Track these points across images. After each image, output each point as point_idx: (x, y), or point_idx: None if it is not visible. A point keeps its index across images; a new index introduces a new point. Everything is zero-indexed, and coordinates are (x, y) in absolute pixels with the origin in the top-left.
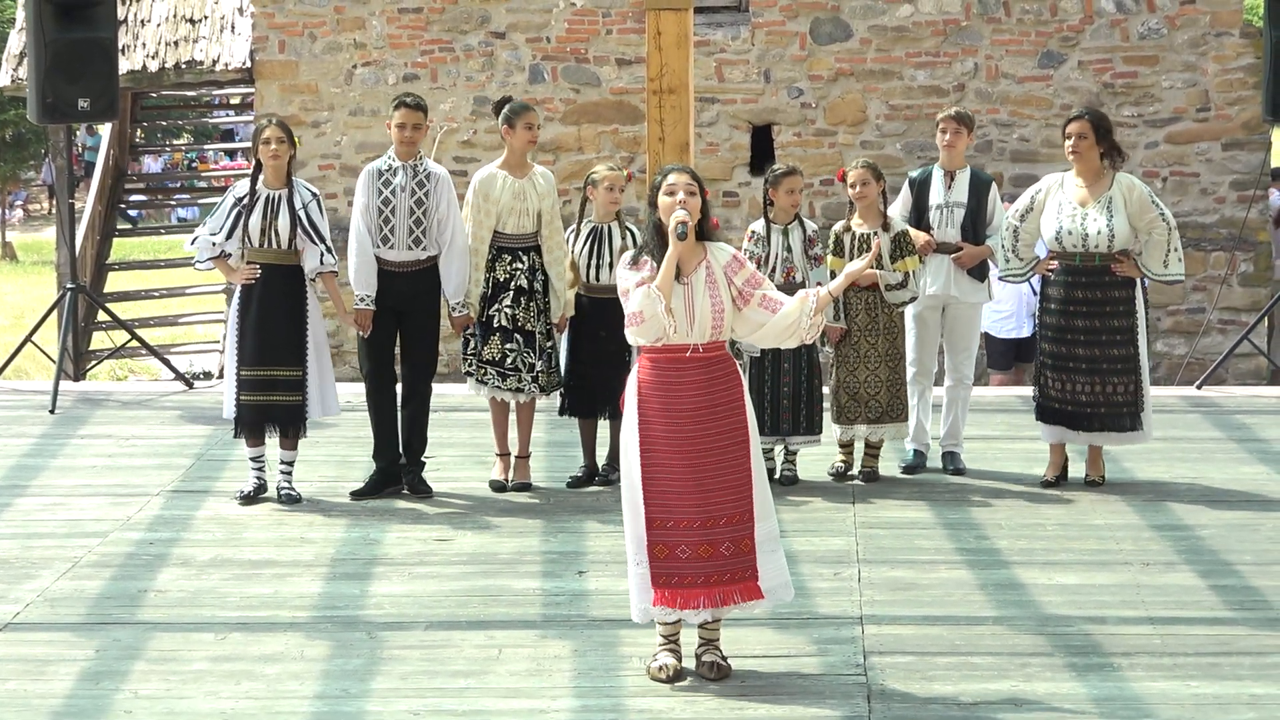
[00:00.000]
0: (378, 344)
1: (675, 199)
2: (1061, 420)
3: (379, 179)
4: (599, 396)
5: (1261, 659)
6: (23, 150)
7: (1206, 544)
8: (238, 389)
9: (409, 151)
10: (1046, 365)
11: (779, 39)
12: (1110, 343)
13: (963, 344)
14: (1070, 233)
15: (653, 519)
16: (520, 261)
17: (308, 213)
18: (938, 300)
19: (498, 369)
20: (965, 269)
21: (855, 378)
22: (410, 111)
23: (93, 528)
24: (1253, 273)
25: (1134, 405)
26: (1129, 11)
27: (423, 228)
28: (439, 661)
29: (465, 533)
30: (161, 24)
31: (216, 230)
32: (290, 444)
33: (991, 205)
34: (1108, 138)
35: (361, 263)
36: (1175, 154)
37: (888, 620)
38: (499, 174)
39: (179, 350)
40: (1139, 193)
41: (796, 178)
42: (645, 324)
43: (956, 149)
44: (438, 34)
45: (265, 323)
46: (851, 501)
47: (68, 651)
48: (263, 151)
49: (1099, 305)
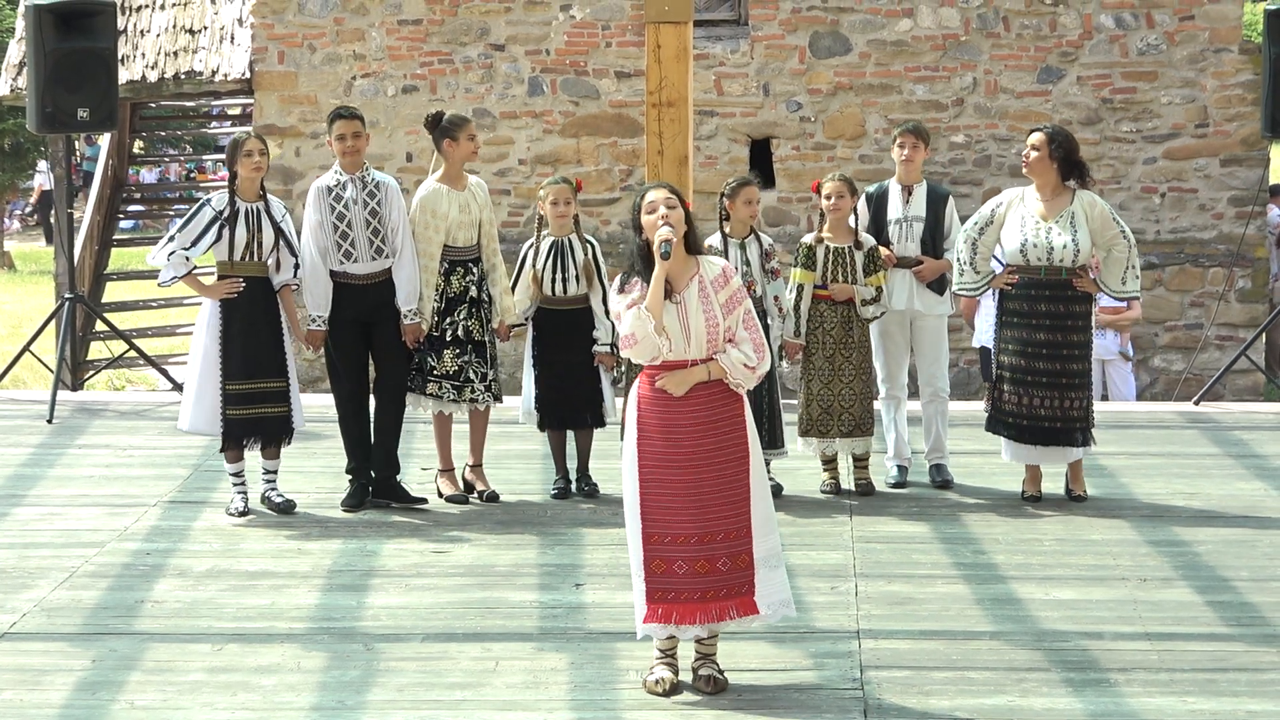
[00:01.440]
0: (352, 358)
1: (656, 216)
2: (1012, 434)
3: (329, 195)
4: (564, 407)
5: (1258, 675)
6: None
7: (1203, 560)
8: (224, 403)
9: (355, 163)
10: (1004, 379)
11: (778, 53)
12: (1070, 357)
13: (932, 356)
14: (1035, 245)
15: (650, 534)
16: (471, 273)
17: (285, 225)
18: (903, 315)
19: (453, 382)
20: (925, 283)
21: (829, 391)
22: (348, 122)
23: (90, 538)
24: (1250, 289)
25: (1085, 420)
26: (1128, 27)
27: (381, 236)
28: (435, 673)
29: (462, 545)
30: (161, 34)
31: (188, 244)
32: (274, 453)
33: (949, 219)
34: (1065, 156)
35: (314, 282)
36: (1174, 170)
37: (884, 635)
38: (442, 189)
39: (176, 361)
40: (1100, 209)
41: (753, 188)
42: (639, 345)
43: (914, 163)
44: (437, 46)
45: (251, 336)
46: (848, 516)
47: (64, 661)
48: (245, 163)
49: (1061, 319)
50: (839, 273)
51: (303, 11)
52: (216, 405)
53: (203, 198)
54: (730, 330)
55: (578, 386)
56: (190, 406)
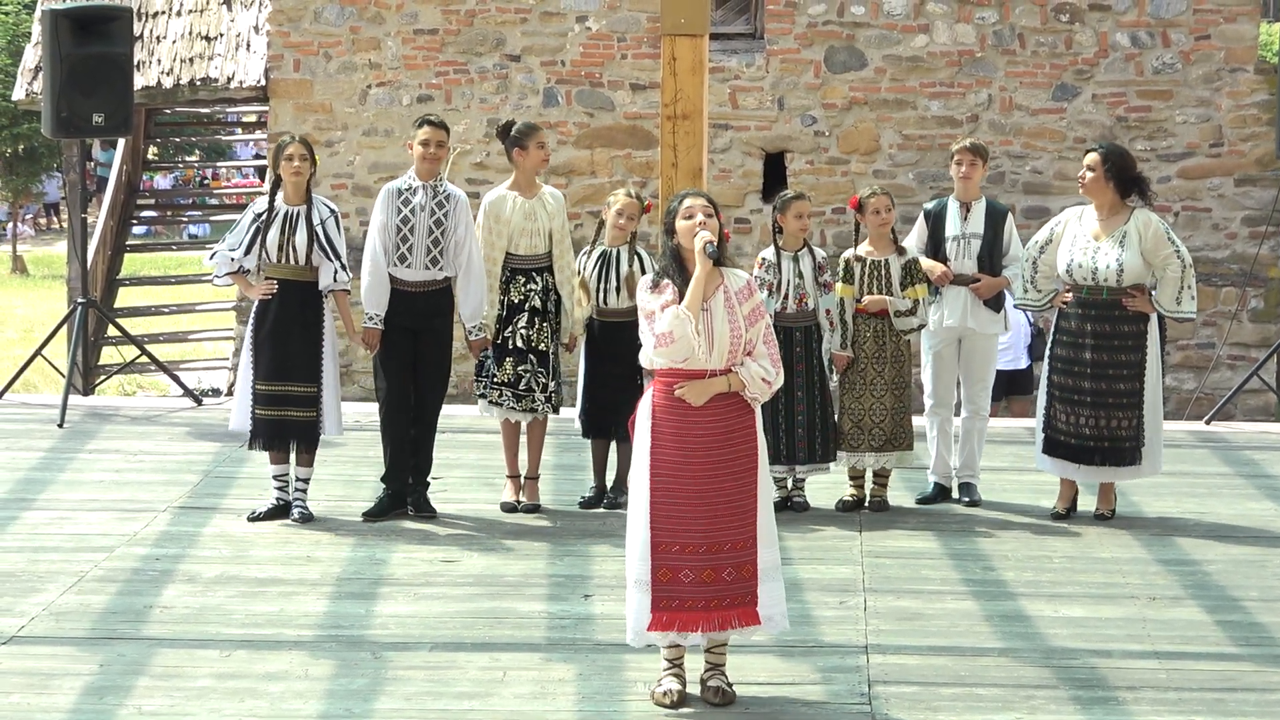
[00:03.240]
0: (395, 364)
1: (694, 221)
2: (1067, 454)
3: (398, 198)
4: (610, 418)
5: (1266, 695)
6: (36, 164)
7: (1213, 579)
8: (253, 403)
9: (430, 170)
10: (1054, 398)
11: (793, 67)
12: (1117, 377)
13: (978, 375)
14: (1080, 265)
15: (658, 543)
16: (534, 282)
17: (325, 229)
18: (954, 332)
19: (512, 390)
20: (983, 300)
21: (860, 405)
22: (434, 130)
23: (99, 542)
24: (1263, 309)
25: (1135, 439)
26: (1144, 46)
27: (440, 248)
28: (443, 683)
29: (472, 554)
30: (177, 41)
31: (235, 246)
32: (306, 460)
33: (1008, 236)
34: (1121, 174)
35: (374, 281)
36: (1188, 189)
37: (893, 650)
38: (509, 195)
39: (188, 366)
40: (1155, 228)
41: (804, 202)
42: (675, 345)
43: (972, 180)
44: (453, 56)
45: (281, 338)
46: (858, 530)
47: (72, 666)
48: (285, 168)
49: (1108, 339)
50: (874, 285)
51: (319, 20)
52: (248, 405)
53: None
54: (751, 343)
55: (622, 395)
56: (237, 407)
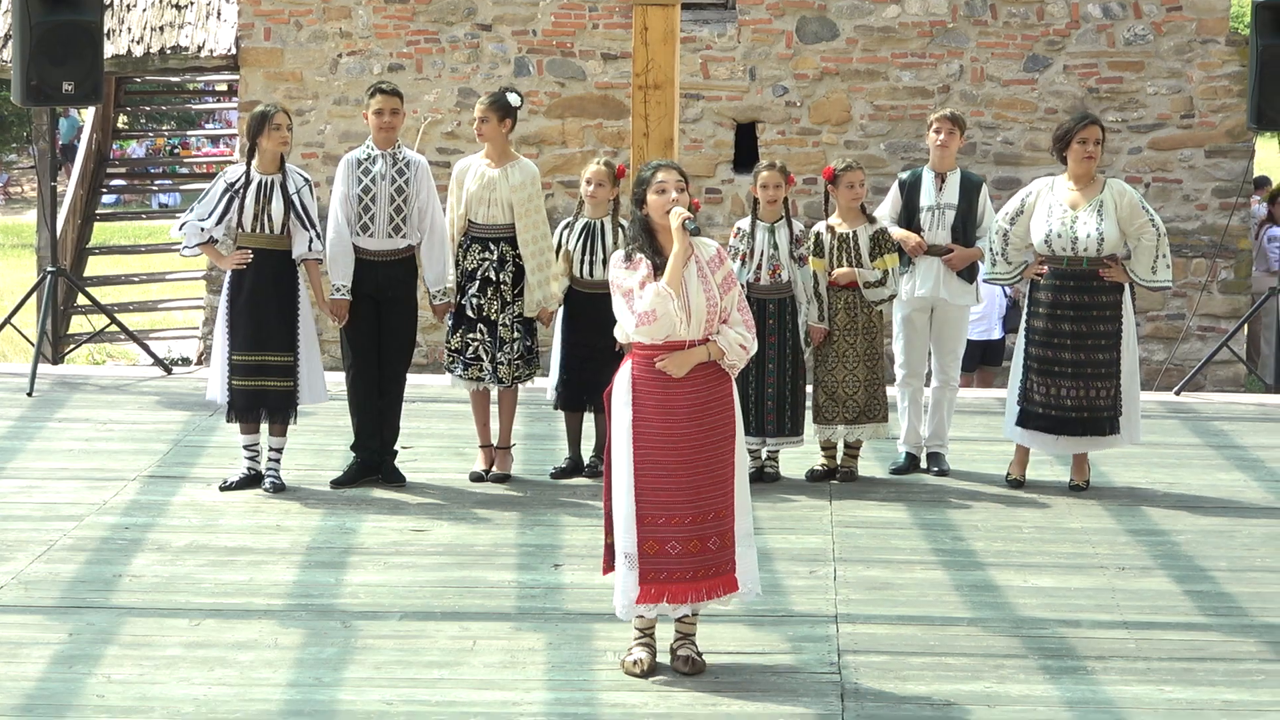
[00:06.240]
0: (360, 333)
1: (667, 197)
2: (1044, 425)
3: (358, 168)
4: (586, 390)
5: (1235, 665)
6: (5, 133)
7: (1182, 549)
8: (229, 374)
9: (388, 139)
10: (1032, 370)
11: (765, 37)
12: (1095, 347)
13: (949, 345)
14: (1060, 235)
15: (644, 516)
16: (489, 252)
17: (300, 197)
18: (926, 302)
19: (461, 358)
20: (955, 271)
21: (833, 377)
22: (388, 98)
23: (68, 511)
24: (1233, 280)
25: (1113, 409)
26: (1115, 17)
27: (403, 215)
28: (413, 652)
29: (441, 523)
30: (147, 9)
31: (205, 216)
32: (279, 430)
33: (982, 207)
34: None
35: (339, 252)
36: (1158, 160)
37: (862, 619)
38: (474, 162)
39: (158, 335)
40: (1130, 198)
41: (774, 173)
42: (658, 322)
43: (949, 149)
44: (424, 25)
45: (257, 308)
46: (829, 500)
47: (41, 635)
48: (273, 136)
49: (1086, 309)
50: (844, 257)
51: None
52: (225, 375)
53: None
54: (725, 311)
55: (602, 370)
56: (214, 378)
